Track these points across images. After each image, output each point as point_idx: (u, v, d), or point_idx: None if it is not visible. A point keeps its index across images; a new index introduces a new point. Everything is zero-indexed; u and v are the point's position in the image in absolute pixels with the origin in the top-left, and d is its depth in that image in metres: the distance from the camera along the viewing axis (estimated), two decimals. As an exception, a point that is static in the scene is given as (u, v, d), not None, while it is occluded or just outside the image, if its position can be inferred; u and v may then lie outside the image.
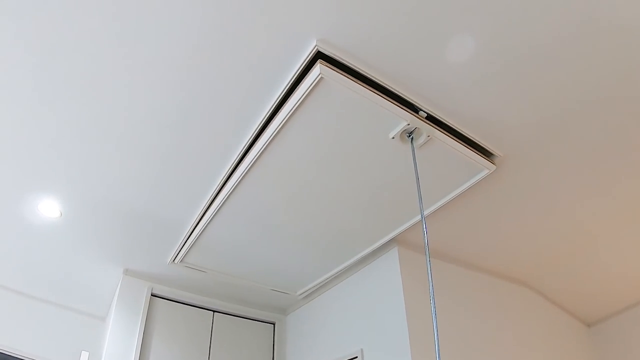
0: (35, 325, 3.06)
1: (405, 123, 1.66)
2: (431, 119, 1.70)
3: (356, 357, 2.41)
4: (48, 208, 2.28)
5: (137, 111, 1.71)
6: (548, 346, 2.89)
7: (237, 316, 3.16)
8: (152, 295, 2.85)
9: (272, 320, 3.28)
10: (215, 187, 2.08)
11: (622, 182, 2.11)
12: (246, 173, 1.95)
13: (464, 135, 1.79)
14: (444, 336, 2.29)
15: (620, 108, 1.70)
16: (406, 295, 2.26)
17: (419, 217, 2.24)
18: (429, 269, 1.33)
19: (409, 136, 1.73)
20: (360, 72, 1.51)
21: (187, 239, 2.45)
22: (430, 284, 1.30)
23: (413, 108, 1.66)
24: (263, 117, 1.70)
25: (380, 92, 1.57)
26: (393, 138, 1.73)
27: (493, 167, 1.92)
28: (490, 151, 1.87)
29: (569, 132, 1.80)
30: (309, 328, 2.98)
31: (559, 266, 2.81)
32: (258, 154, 1.83)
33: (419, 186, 1.57)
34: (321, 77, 1.46)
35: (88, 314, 3.35)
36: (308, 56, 1.45)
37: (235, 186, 2.04)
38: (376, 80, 1.54)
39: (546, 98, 1.64)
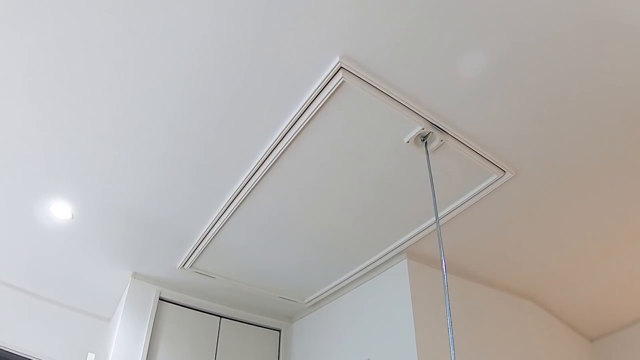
0: (40, 324, 3.05)
1: (420, 127, 1.69)
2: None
3: (362, 366, 2.40)
4: (60, 210, 2.30)
5: (158, 119, 1.75)
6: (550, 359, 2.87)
7: (243, 322, 3.15)
8: (160, 299, 2.85)
9: (278, 327, 3.28)
10: (230, 196, 2.11)
11: (630, 202, 2.15)
12: (260, 180, 1.98)
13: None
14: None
15: (634, 129, 1.73)
16: (415, 307, 2.26)
17: (427, 224, 2.26)
18: (445, 276, 1.34)
19: (423, 140, 1.75)
20: (378, 88, 1.56)
21: (198, 245, 2.47)
22: (446, 295, 1.31)
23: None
24: (283, 128, 1.74)
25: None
26: (408, 142, 1.76)
27: (502, 172, 1.93)
28: (503, 169, 1.91)
29: (580, 151, 1.85)
30: (315, 336, 2.97)
31: (564, 281, 2.83)
32: (274, 161, 1.87)
33: (433, 190, 1.59)
34: (343, 81, 1.50)
35: (93, 314, 3.34)
36: (331, 71, 1.50)
37: (249, 193, 2.07)
38: (393, 96, 1.59)
39: (558, 117, 1.69)
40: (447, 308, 1.08)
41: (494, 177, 1.95)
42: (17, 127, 1.81)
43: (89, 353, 2.54)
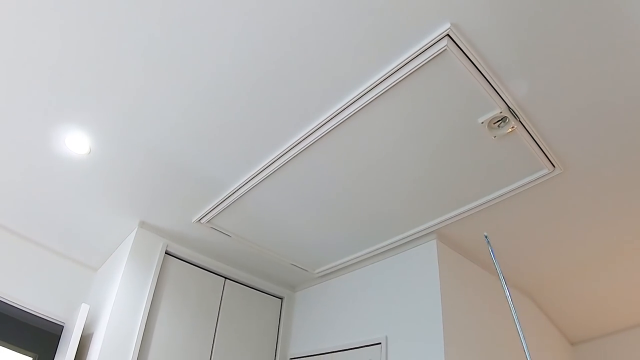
0: (19, 268, 2.81)
1: (499, 110, 1.67)
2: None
3: (379, 343, 2.38)
4: (77, 142, 2.09)
5: (225, 57, 1.58)
6: (537, 357, 3.00)
7: (247, 286, 3.08)
8: (166, 253, 2.71)
9: (280, 294, 3.22)
10: (278, 153, 2.00)
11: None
12: (314, 142, 1.90)
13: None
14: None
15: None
16: (443, 290, 2.25)
17: (465, 209, 2.25)
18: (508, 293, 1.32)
19: (496, 123, 1.74)
20: (475, 63, 1.53)
21: (224, 200, 2.34)
22: (513, 312, 1.29)
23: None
24: (365, 88, 1.65)
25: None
26: (482, 123, 1.73)
27: (552, 167, 1.96)
28: (554, 164, 1.94)
29: (627, 159, 1.90)
30: (321, 308, 2.95)
31: (564, 283, 2.95)
32: (338, 123, 1.80)
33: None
34: (445, 49, 1.44)
35: (80, 262, 3.13)
36: (437, 36, 1.44)
37: (298, 154, 1.98)
38: (485, 75, 1.57)
39: (615, 122, 1.73)
40: (514, 313, 1.06)
41: (545, 170, 1.98)
42: (38, 46, 1.60)
43: (82, 304, 2.37)
